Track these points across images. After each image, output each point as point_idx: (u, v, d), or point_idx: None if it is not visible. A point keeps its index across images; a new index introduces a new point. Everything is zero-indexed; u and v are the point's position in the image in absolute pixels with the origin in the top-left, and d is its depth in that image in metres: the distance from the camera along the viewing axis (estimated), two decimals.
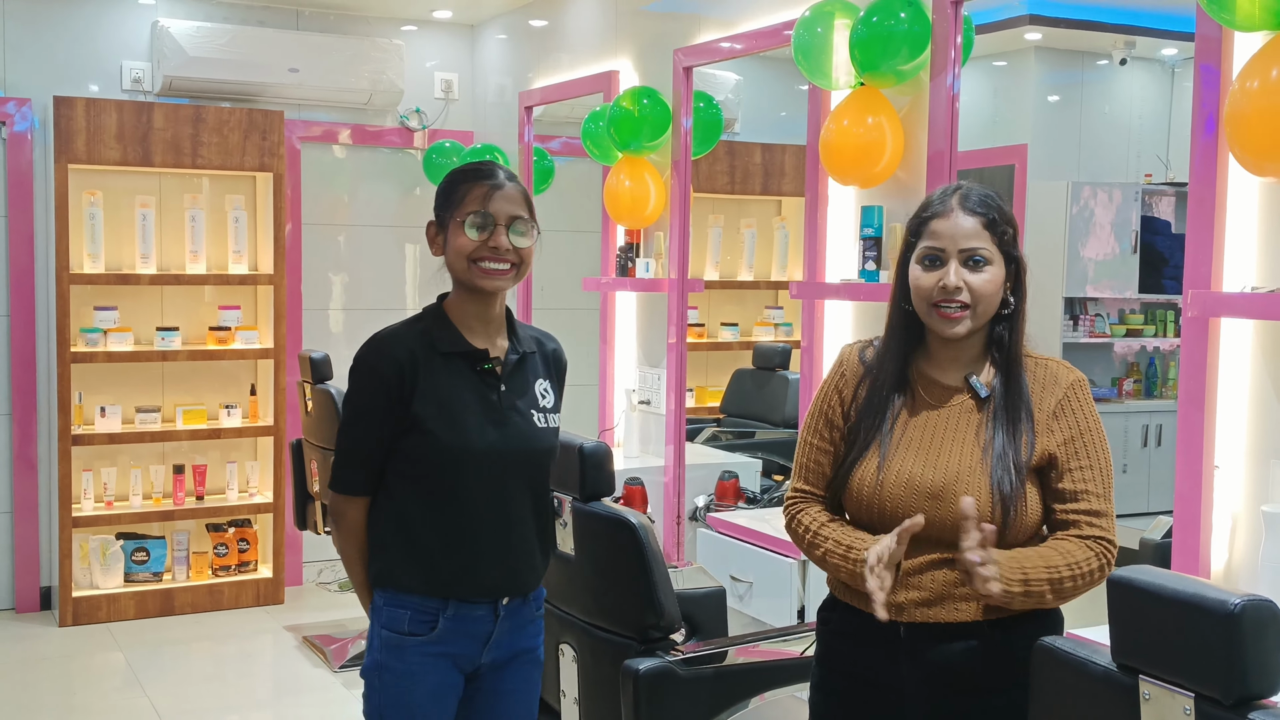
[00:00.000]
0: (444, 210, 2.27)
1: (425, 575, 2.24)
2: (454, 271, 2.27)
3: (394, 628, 2.25)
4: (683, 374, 4.46)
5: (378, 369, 2.22)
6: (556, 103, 5.46)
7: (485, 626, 2.28)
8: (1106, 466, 2.00)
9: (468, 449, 2.21)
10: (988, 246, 1.97)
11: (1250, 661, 1.59)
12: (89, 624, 5.38)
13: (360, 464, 2.26)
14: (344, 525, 2.30)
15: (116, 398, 5.57)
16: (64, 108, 5.27)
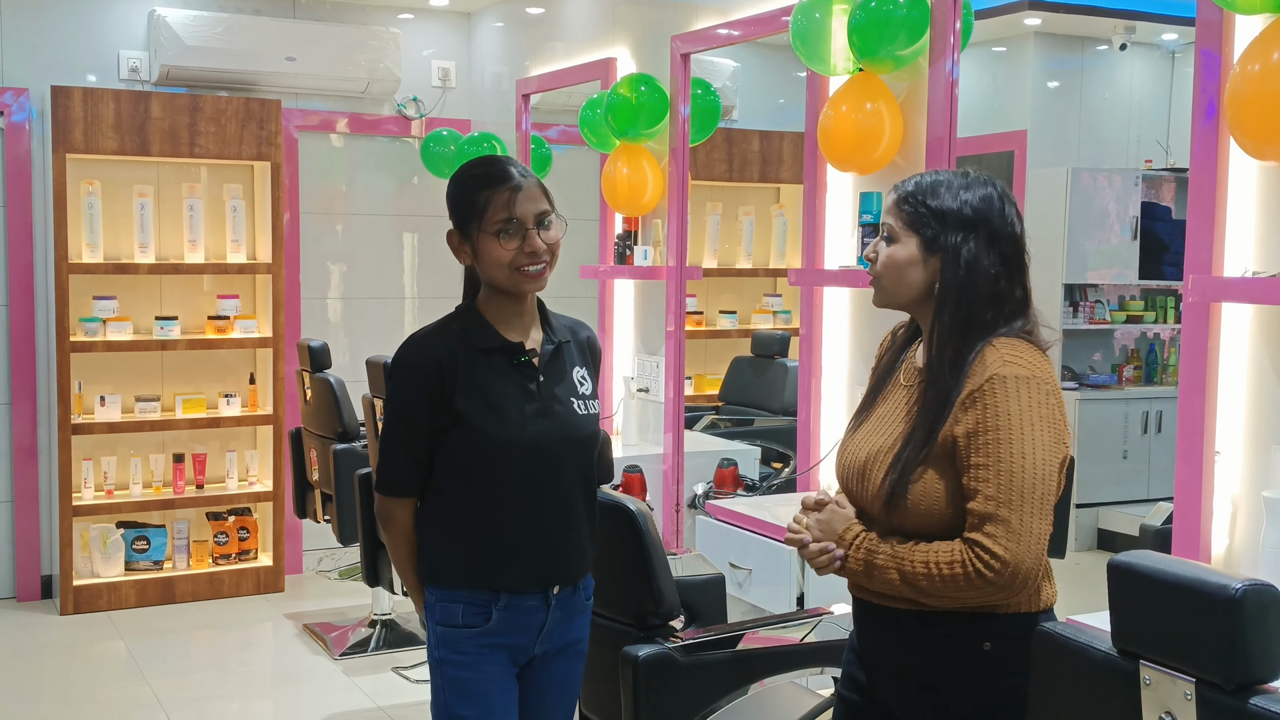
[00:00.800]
0: (468, 221, 2.25)
1: (475, 568, 2.25)
2: (493, 280, 2.26)
3: (448, 622, 2.26)
4: (681, 361, 4.46)
5: (419, 369, 2.23)
6: (554, 90, 5.45)
7: (538, 617, 2.29)
8: (1016, 472, 1.83)
9: (513, 440, 2.23)
10: (894, 223, 2.00)
11: (1252, 646, 1.59)
12: (90, 612, 5.38)
13: (406, 465, 2.27)
14: (392, 527, 2.31)
15: (116, 387, 5.56)
16: (61, 98, 5.25)
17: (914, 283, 1.97)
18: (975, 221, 1.94)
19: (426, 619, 2.31)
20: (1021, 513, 1.84)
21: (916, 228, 1.96)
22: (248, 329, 5.66)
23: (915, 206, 1.97)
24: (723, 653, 2.67)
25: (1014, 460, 1.84)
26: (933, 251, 1.95)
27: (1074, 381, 4.47)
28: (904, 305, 2.02)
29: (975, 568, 1.83)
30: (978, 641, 1.93)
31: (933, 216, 1.95)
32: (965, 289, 1.93)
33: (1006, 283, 1.95)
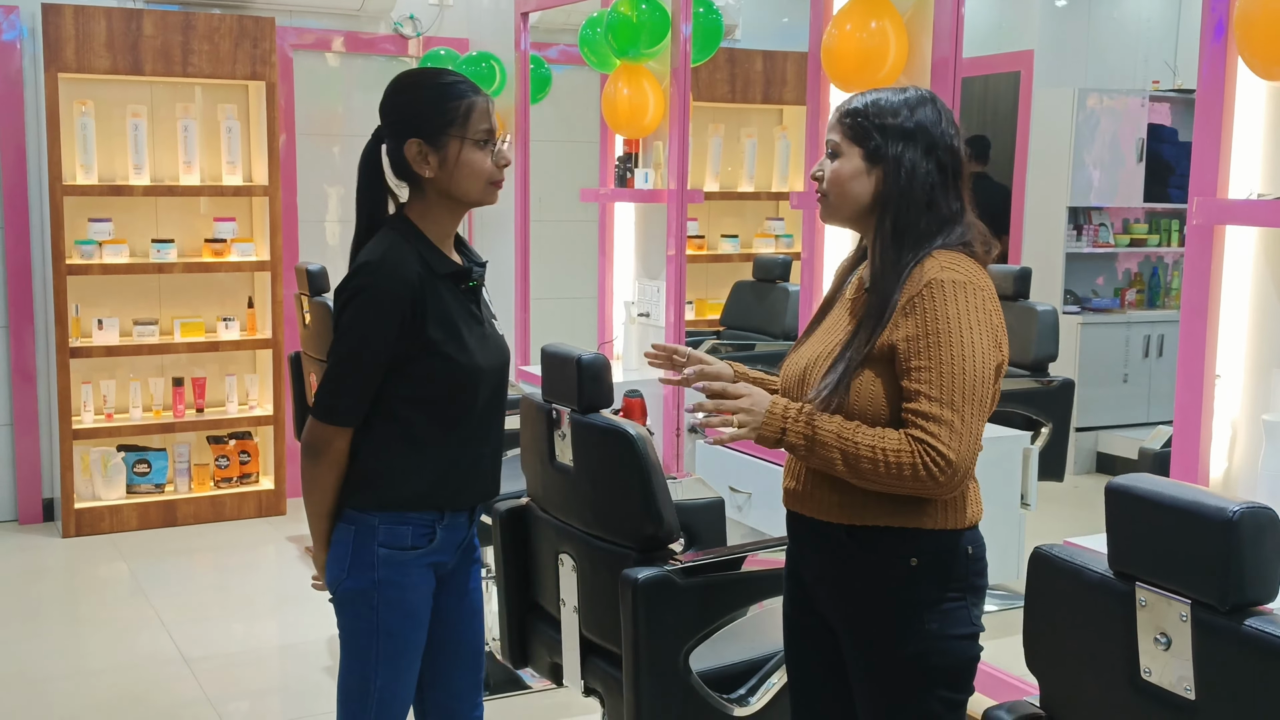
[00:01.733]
0: (443, 129, 2.18)
1: (435, 491, 2.26)
2: (461, 193, 2.21)
3: (396, 544, 2.25)
4: (682, 286, 4.44)
5: (395, 294, 2.15)
6: (553, 9, 5.35)
7: (463, 533, 2.35)
8: (957, 374, 1.89)
9: (478, 368, 2.23)
10: (837, 138, 2.05)
11: (1248, 568, 1.60)
12: (92, 535, 5.43)
13: (363, 394, 2.21)
14: (329, 456, 2.22)
15: (113, 310, 5.55)
16: (52, 15, 5.17)
17: (858, 195, 2.03)
18: (914, 132, 2.00)
19: (354, 542, 2.25)
20: (963, 414, 1.90)
21: (859, 140, 2.02)
22: (245, 252, 5.62)
23: (857, 119, 2.03)
24: (722, 575, 2.69)
25: (954, 362, 1.90)
26: (875, 163, 2.01)
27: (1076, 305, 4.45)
28: (849, 219, 2.08)
29: (924, 463, 1.89)
30: (905, 557, 2.00)
31: (875, 129, 2.01)
32: (905, 195, 1.99)
33: (943, 192, 2.01)
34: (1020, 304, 3.91)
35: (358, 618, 2.29)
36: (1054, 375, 3.88)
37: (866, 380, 1.97)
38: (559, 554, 2.87)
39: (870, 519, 2.01)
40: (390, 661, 2.28)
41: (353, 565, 2.26)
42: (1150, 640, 1.69)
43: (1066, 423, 3.82)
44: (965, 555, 2.03)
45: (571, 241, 5.46)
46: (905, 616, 2.01)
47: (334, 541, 2.28)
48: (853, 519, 2.03)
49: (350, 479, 2.25)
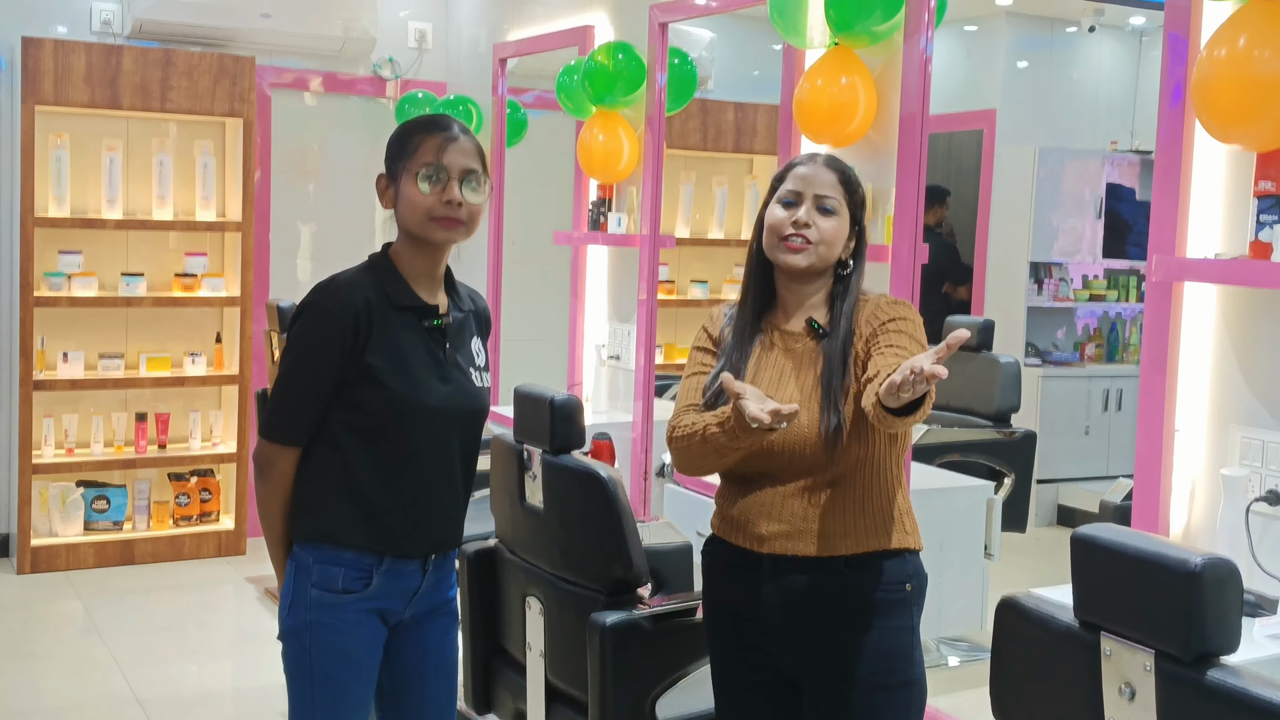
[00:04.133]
0: (396, 161, 2.24)
1: (369, 531, 2.22)
2: (407, 225, 2.24)
3: (328, 586, 2.21)
4: (653, 330, 4.48)
5: (334, 314, 2.17)
6: (531, 56, 5.42)
7: (414, 581, 2.28)
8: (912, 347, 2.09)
9: (421, 404, 2.21)
10: (838, 198, 2.19)
11: (1210, 619, 1.63)
12: (48, 572, 5.35)
13: (302, 412, 2.20)
14: (273, 476, 2.23)
15: (80, 343, 5.51)
16: (32, 49, 5.18)
17: (836, 255, 2.20)
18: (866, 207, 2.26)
19: (294, 579, 2.24)
20: None
21: (852, 207, 2.21)
22: (215, 287, 5.62)
23: (852, 190, 2.21)
24: (690, 620, 2.70)
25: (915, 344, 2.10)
26: (852, 230, 2.22)
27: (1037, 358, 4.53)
28: (818, 273, 2.20)
29: None
30: (902, 582, 2.13)
31: (861, 202, 2.23)
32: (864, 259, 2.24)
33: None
34: (983, 355, 3.98)
35: (293, 659, 2.26)
36: (1016, 427, 3.94)
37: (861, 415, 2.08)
38: (526, 596, 2.88)
39: (874, 544, 2.11)
40: (328, 706, 2.24)
41: (292, 603, 2.24)
42: (1115, 690, 1.73)
43: (1029, 474, 3.87)
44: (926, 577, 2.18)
45: (544, 283, 5.49)
46: (903, 643, 2.11)
47: (286, 578, 2.27)
48: (856, 548, 2.11)
49: (292, 508, 2.25)
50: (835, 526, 2.12)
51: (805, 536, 2.12)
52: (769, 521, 2.15)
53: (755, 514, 2.17)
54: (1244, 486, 2.48)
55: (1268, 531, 2.47)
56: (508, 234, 5.56)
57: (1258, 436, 2.52)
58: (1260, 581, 2.42)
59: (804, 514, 2.13)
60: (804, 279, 2.21)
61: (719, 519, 2.26)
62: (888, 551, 2.13)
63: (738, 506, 2.19)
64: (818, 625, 2.14)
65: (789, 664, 2.18)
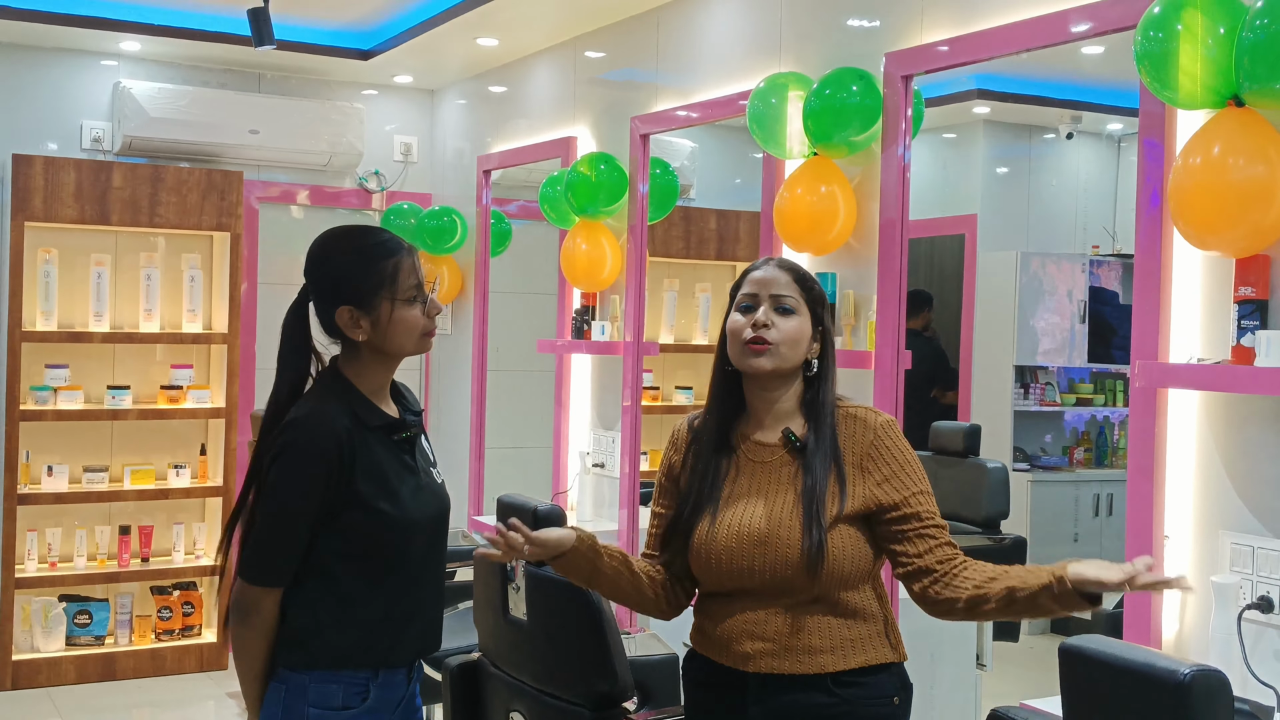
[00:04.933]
0: (374, 291, 2.18)
1: (367, 648, 2.19)
2: (395, 347, 2.21)
3: (326, 704, 2.17)
4: (637, 437, 4.46)
5: (323, 452, 2.12)
6: (514, 167, 5.50)
7: (401, 690, 2.26)
8: (931, 493, 2.12)
9: (410, 521, 2.19)
10: (795, 297, 2.17)
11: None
12: (29, 688, 5.24)
13: (291, 554, 2.16)
14: (259, 618, 2.16)
15: (64, 457, 5.48)
16: (22, 166, 5.24)
17: (801, 355, 2.17)
18: (828, 306, 2.23)
19: (285, 701, 2.17)
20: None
21: (811, 307, 2.18)
22: (200, 399, 5.60)
23: (810, 287, 2.19)
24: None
25: (927, 485, 2.11)
26: (815, 331, 2.18)
27: (1025, 463, 4.51)
28: (785, 374, 2.17)
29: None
30: (889, 695, 2.09)
31: (820, 299, 2.19)
32: (833, 362, 2.20)
33: None
34: (970, 460, 3.96)
35: None
36: (1006, 533, 3.91)
37: (846, 535, 2.07)
38: (510, 712, 2.82)
39: (859, 660, 2.07)
40: None
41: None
42: None
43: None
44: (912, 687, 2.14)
45: (528, 391, 5.49)
46: None
47: (266, 701, 2.21)
48: (840, 664, 2.07)
49: (280, 637, 2.19)
50: (820, 643, 2.08)
51: (790, 654, 2.08)
52: (753, 640, 2.11)
53: (738, 633, 2.12)
54: (1235, 594, 2.45)
55: (1261, 639, 2.44)
56: (492, 342, 5.58)
57: (1247, 542, 2.50)
58: (1255, 690, 2.38)
59: (788, 631, 2.09)
60: (772, 384, 2.17)
61: (699, 635, 2.21)
62: (874, 666, 2.09)
63: (720, 626, 2.14)
64: None
65: None
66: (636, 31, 4.68)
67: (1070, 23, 2.87)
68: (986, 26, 3.12)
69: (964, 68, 3.28)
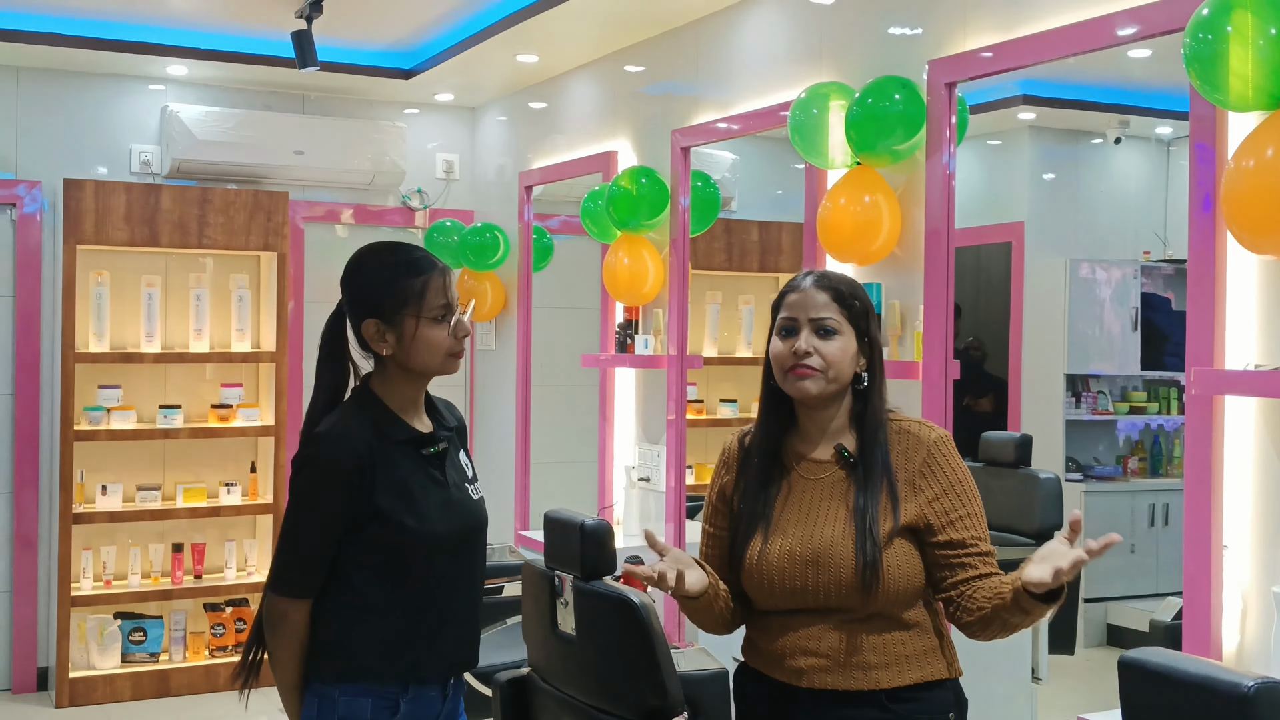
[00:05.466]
0: (400, 307, 2.22)
1: (393, 662, 2.21)
2: (421, 364, 2.24)
3: (355, 717, 2.19)
4: (682, 450, 4.45)
5: (341, 465, 2.16)
6: (556, 182, 5.52)
7: (435, 707, 2.27)
8: (982, 513, 2.08)
9: (433, 534, 2.21)
10: (836, 317, 2.12)
11: None
12: (85, 705, 5.31)
13: (315, 565, 2.19)
14: (287, 628, 2.21)
15: (118, 476, 5.55)
16: (73, 190, 5.32)
17: (848, 374, 2.12)
18: (873, 315, 2.17)
19: (318, 712, 2.21)
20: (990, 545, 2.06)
21: (855, 323, 2.12)
22: (250, 417, 5.66)
23: (851, 304, 2.13)
24: None
25: (978, 503, 2.08)
26: (862, 345, 2.13)
27: (1079, 473, 4.44)
28: (833, 396, 2.13)
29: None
30: (945, 712, 2.06)
31: (861, 315, 2.13)
32: (882, 375, 2.15)
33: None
34: (1022, 471, 3.91)
35: None
36: None
37: (901, 554, 2.04)
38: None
39: (912, 676, 2.05)
40: None
41: None
42: None
43: (1075, 593, 3.77)
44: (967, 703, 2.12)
45: (572, 406, 5.49)
46: None
47: (303, 716, 2.24)
48: (894, 681, 2.04)
49: (309, 650, 2.22)
50: (875, 659, 2.05)
51: (844, 670, 2.06)
52: (806, 656, 2.09)
53: (791, 649, 2.10)
54: None
55: None
56: (535, 357, 5.59)
57: None
58: None
59: (842, 648, 2.06)
60: (821, 404, 2.14)
61: (751, 650, 2.20)
62: (929, 683, 2.06)
63: (773, 642, 2.12)
64: None
65: None
66: (676, 44, 4.68)
67: (1116, 26, 2.83)
68: (1030, 32, 3.09)
69: (1008, 74, 3.25)
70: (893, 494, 2.06)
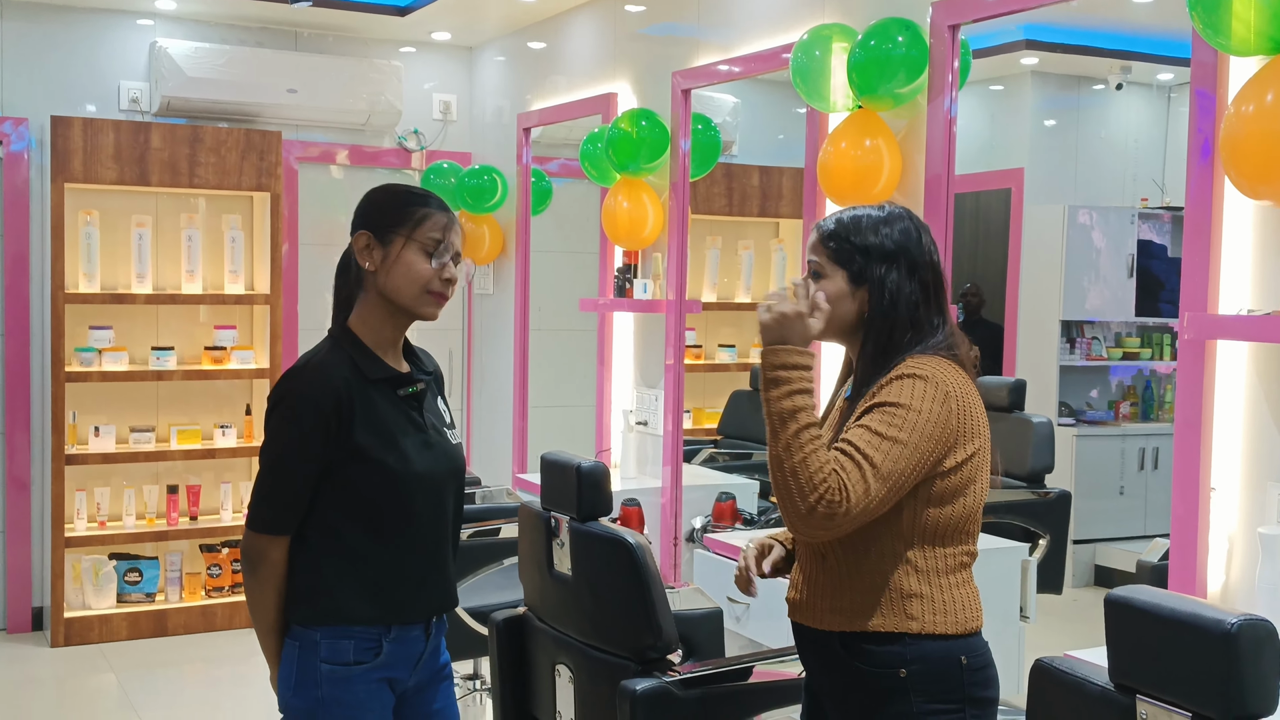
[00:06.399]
0: (393, 226, 2.21)
1: (374, 603, 2.21)
2: (395, 293, 2.22)
3: (339, 659, 2.20)
4: (680, 395, 4.46)
5: (315, 401, 2.15)
6: (555, 124, 5.48)
7: (418, 647, 2.29)
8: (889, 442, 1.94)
9: (412, 475, 2.21)
10: (818, 259, 2.10)
11: (1247, 681, 1.59)
12: (81, 645, 5.35)
13: (290, 501, 2.18)
14: (265, 567, 2.20)
15: (111, 417, 5.56)
16: (61, 127, 5.28)
17: (843, 315, 2.08)
18: (896, 253, 2.07)
19: (299, 658, 2.21)
20: (877, 475, 1.91)
21: (843, 263, 2.08)
22: (244, 360, 5.66)
23: (840, 243, 2.08)
24: (721, 687, 2.66)
25: (893, 432, 1.94)
26: (859, 284, 2.07)
27: (1071, 418, 4.47)
28: (834, 338, 2.13)
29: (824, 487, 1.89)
30: (894, 667, 1.99)
31: (857, 251, 2.07)
32: (888, 316, 2.05)
33: (925, 309, 2.08)
34: (1015, 415, 3.93)
35: None
36: (1050, 487, 3.88)
37: None
38: (556, 665, 2.84)
39: (860, 624, 2.01)
40: None
41: (298, 683, 2.22)
42: None
43: (1064, 535, 3.80)
44: (959, 665, 2.01)
45: (570, 350, 5.50)
46: None
47: (283, 659, 2.25)
48: (844, 625, 2.03)
49: (290, 594, 2.22)
50: (824, 602, 2.07)
51: (805, 609, 2.11)
52: (790, 588, 2.16)
53: (790, 580, 2.19)
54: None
55: None
56: (533, 301, 5.58)
57: None
58: None
59: (807, 584, 2.11)
60: (843, 343, 2.17)
61: None
62: (882, 634, 2.01)
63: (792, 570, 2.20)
64: (831, 699, 2.11)
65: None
66: None
67: None
68: None
69: (1012, 16, 3.22)
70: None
